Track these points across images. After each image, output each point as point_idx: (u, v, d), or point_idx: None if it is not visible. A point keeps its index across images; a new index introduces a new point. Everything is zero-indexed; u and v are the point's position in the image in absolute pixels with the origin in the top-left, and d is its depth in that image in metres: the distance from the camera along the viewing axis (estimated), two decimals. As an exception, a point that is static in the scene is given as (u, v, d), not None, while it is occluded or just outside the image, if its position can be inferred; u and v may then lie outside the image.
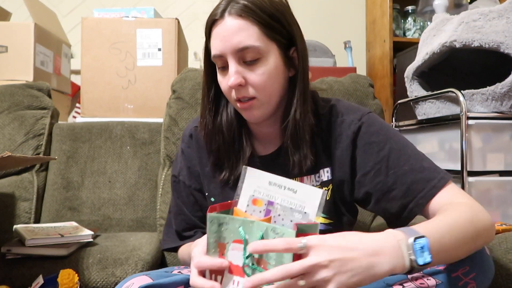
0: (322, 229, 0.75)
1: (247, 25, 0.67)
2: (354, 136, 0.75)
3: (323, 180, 0.77)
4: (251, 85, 0.69)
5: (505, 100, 1.15)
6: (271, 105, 0.73)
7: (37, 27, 1.61)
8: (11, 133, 1.32)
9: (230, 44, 0.67)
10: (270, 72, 0.69)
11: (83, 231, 1.05)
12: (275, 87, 0.71)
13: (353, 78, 1.34)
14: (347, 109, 0.78)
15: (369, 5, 2.41)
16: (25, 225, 1.14)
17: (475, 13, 1.20)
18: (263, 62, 0.69)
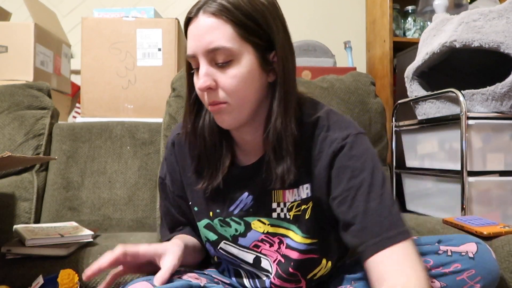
0: (304, 249, 0.74)
1: (220, 24, 0.63)
2: (333, 155, 0.68)
3: (302, 198, 0.72)
4: (222, 89, 0.65)
5: (505, 100, 1.15)
6: (244, 111, 0.67)
7: (37, 27, 1.61)
8: (11, 133, 1.32)
9: (201, 44, 0.63)
10: (242, 75, 0.64)
11: (83, 231, 1.04)
12: (249, 92, 0.66)
13: (354, 76, 1.33)
14: (335, 124, 0.71)
15: (369, 5, 2.41)
16: (25, 225, 1.14)
17: (475, 13, 1.20)
18: (235, 64, 0.64)
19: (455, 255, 0.65)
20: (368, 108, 1.32)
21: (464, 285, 0.62)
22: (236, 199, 0.76)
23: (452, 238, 0.69)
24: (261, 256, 0.77)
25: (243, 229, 0.77)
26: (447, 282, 0.63)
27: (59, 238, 0.98)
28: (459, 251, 0.66)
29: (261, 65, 0.66)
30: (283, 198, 0.73)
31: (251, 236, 0.76)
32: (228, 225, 0.77)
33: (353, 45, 2.28)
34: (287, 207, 0.73)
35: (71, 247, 0.97)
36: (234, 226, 0.77)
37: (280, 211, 0.74)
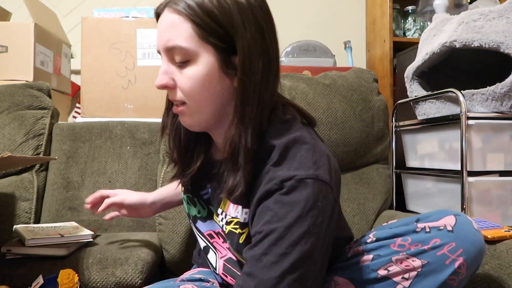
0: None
1: (179, 21, 0.60)
2: (265, 194, 0.59)
3: (241, 221, 0.66)
4: (179, 88, 0.63)
5: (505, 100, 1.15)
6: (205, 114, 0.64)
7: (37, 27, 1.61)
8: (11, 133, 1.32)
9: (162, 41, 0.62)
10: (198, 77, 0.61)
11: (83, 231, 1.05)
12: (207, 95, 0.62)
13: (357, 73, 1.32)
14: (288, 159, 0.60)
15: (369, 5, 2.41)
16: (25, 225, 1.14)
17: (475, 13, 1.20)
18: (192, 65, 0.61)
19: (433, 230, 0.62)
20: (371, 105, 1.30)
21: (446, 260, 0.60)
22: (205, 187, 0.76)
23: (430, 215, 0.66)
24: (210, 248, 0.78)
25: (206, 214, 0.77)
26: (427, 259, 0.61)
27: (59, 238, 0.98)
28: (437, 226, 0.63)
29: (221, 68, 0.61)
30: (226, 209, 0.70)
31: (209, 225, 0.77)
32: (194, 204, 0.78)
33: (353, 45, 2.28)
34: (226, 220, 0.70)
35: (71, 247, 0.97)
36: (198, 208, 0.78)
37: (221, 220, 0.72)
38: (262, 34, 0.62)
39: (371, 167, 1.37)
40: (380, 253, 0.65)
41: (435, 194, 1.33)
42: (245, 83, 0.60)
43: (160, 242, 1.15)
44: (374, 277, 0.64)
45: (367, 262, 0.65)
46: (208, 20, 0.59)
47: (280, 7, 2.40)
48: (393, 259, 0.63)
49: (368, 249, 0.67)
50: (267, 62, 0.62)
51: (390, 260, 0.63)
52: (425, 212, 1.34)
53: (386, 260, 0.63)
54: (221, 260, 0.76)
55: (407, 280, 0.62)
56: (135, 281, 0.93)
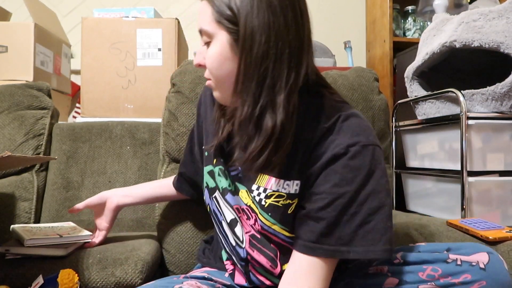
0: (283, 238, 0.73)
1: (205, 7, 0.67)
2: (332, 158, 0.65)
3: (290, 192, 0.71)
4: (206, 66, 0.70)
5: (505, 100, 1.15)
6: (226, 90, 0.69)
7: (37, 27, 1.61)
8: (11, 133, 1.32)
9: (198, 26, 0.69)
10: (214, 56, 0.66)
11: (82, 232, 1.04)
12: (223, 73, 0.67)
13: (358, 72, 1.31)
14: (348, 128, 0.67)
15: (369, 5, 2.41)
16: (23, 225, 1.14)
17: (475, 13, 1.20)
18: (211, 45, 0.67)
19: (465, 265, 0.63)
20: (371, 105, 1.29)
21: None
22: (234, 163, 0.77)
23: (462, 247, 0.66)
24: (238, 221, 0.78)
25: (234, 189, 0.78)
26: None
27: (58, 238, 0.98)
28: (469, 261, 0.63)
29: (232, 48, 0.65)
30: (266, 183, 0.73)
31: (236, 199, 0.78)
32: (225, 177, 0.79)
33: (353, 45, 2.28)
34: (266, 194, 0.73)
35: (69, 247, 0.97)
36: (229, 182, 0.79)
37: (257, 194, 0.74)
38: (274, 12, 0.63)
39: None
40: (407, 279, 0.64)
41: (435, 194, 1.33)
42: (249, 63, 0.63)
43: (160, 242, 1.15)
44: None
45: (391, 285, 0.65)
46: (221, 3, 0.65)
47: None
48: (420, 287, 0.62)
49: (394, 272, 0.66)
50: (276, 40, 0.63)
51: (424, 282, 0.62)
52: (425, 212, 1.35)
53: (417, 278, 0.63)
54: (247, 235, 0.77)
55: None
56: (135, 281, 0.93)
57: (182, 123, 1.19)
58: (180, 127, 1.19)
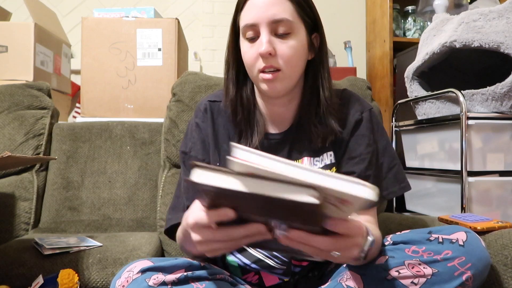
0: None
1: (282, 0, 0.72)
2: (355, 124, 0.81)
3: (326, 163, 0.81)
4: (279, 56, 0.73)
5: (505, 100, 1.15)
6: (293, 80, 0.77)
7: (37, 27, 1.61)
8: (11, 133, 1.32)
9: (266, 15, 0.71)
10: (298, 47, 0.74)
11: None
12: (299, 64, 0.77)
13: (351, 81, 1.34)
14: (354, 97, 0.85)
15: (369, 5, 2.41)
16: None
17: (475, 13, 1.20)
18: (293, 37, 0.73)
19: (446, 242, 0.67)
20: None
21: (455, 272, 0.64)
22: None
23: (442, 229, 0.71)
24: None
25: None
26: (438, 268, 0.65)
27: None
28: (449, 238, 0.68)
29: (308, 42, 0.78)
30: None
31: None
32: None
33: (353, 45, 2.28)
34: None
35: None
36: None
37: None
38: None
39: None
40: (394, 255, 0.68)
41: (435, 194, 1.33)
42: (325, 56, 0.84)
43: (160, 242, 1.15)
44: (384, 276, 0.67)
45: (380, 262, 0.68)
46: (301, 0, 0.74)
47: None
48: (406, 262, 0.66)
49: (384, 250, 0.70)
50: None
51: (403, 263, 0.66)
52: (425, 212, 1.35)
53: (399, 262, 0.67)
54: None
55: (415, 285, 0.65)
56: (135, 281, 0.93)
57: (182, 130, 1.22)
58: (180, 133, 1.23)
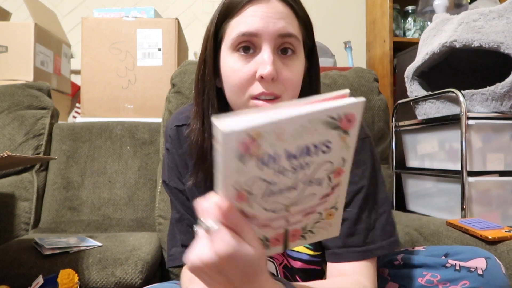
0: (306, 259, 0.70)
1: (291, 15, 0.60)
2: None
3: None
4: (282, 81, 0.59)
5: (505, 100, 1.15)
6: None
7: (37, 27, 1.61)
8: (11, 133, 1.32)
9: (274, 26, 0.57)
10: (300, 71, 0.62)
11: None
12: (298, 91, 0.62)
13: (357, 72, 1.31)
14: None
15: (369, 5, 2.41)
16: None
17: (475, 13, 1.20)
18: (298, 58, 0.61)
19: (464, 271, 0.62)
20: (371, 105, 1.29)
21: None
22: None
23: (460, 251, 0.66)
24: (267, 259, 0.72)
25: None
26: None
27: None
28: (467, 267, 0.62)
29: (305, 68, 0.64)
30: None
31: None
32: None
33: (353, 45, 2.28)
34: None
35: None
36: None
37: None
38: None
39: None
40: (406, 285, 0.64)
41: (435, 194, 1.33)
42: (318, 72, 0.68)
43: (160, 242, 1.15)
44: None
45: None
46: (306, 20, 0.63)
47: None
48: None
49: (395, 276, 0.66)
50: None
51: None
52: (425, 212, 1.35)
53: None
54: (280, 268, 0.72)
55: None
56: (135, 281, 0.93)
57: (182, 123, 1.20)
58: (180, 127, 1.20)
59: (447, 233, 0.96)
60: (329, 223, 0.46)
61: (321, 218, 0.45)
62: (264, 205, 0.41)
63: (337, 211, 0.45)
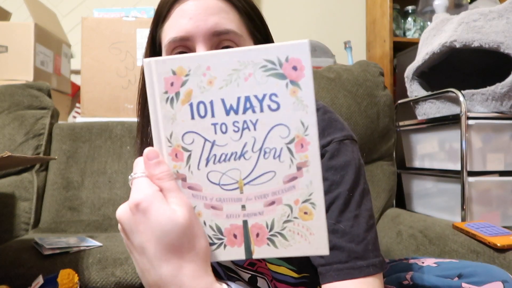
0: (292, 282, 0.64)
1: (227, 8, 0.54)
2: None
3: None
4: None
5: (505, 100, 1.15)
6: None
7: (37, 27, 1.61)
8: (11, 133, 1.32)
9: (205, 25, 0.53)
10: None
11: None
12: None
13: (362, 66, 1.27)
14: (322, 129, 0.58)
15: (369, 5, 2.41)
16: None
17: (475, 13, 1.20)
18: None
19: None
20: (376, 101, 1.26)
21: None
22: None
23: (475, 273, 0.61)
24: (257, 275, 0.69)
25: None
26: None
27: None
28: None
29: None
30: None
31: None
32: None
33: (353, 45, 2.28)
34: None
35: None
36: None
37: None
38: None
39: (375, 164, 1.34)
40: None
41: (435, 194, 1.33)
42: None
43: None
44: None
45: None
46: (251, 11, 0.57)
47: (280, 7, 2.40)
48: None
49: None
50: None
51: None
52: (425, 212, 1.35)
53: None
54: (272, 283, 0.68)
55: None
56: (135, 281, 0.93)
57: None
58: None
59: (453, 237, 0.94)
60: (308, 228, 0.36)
61: (294, 217, 0.36)
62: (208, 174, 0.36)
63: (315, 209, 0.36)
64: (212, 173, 0.36)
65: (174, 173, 0.36)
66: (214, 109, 0.34)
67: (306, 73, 0.33)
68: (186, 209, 0.35)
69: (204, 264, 0.36)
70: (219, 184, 0.36)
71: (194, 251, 0.36)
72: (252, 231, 0.37)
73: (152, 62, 0.35)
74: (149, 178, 0.36)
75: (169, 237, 0.34)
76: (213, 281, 0.37)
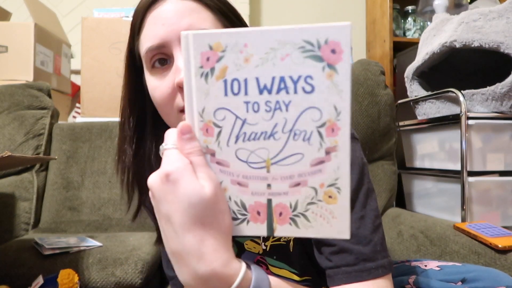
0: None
1: (198, 7, 0.53)
2: None
3: None
4: None
5: (505, 100, 1.15)
6: None
7: (37, 27, 1.61)
8: (11, 133, 1.32)
9: (178, 28, 0.51)
10: None
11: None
12: None
13: (363, 65, 1.27)
14: None
15: (369, 5, 2.41)
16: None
17: (475, 13, 1.20)
18: None
19: None
20: (377, 100, 1.25)
21: None
22: None
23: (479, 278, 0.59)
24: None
25: (236, 251, 0.68)
26: None
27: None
28: None
29: None
30: None
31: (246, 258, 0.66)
32: None
33: (353, 45, 2.28)
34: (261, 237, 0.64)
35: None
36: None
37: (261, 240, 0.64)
38: None
39: (376, 163, 1.34)
40: None
41: (435, 194, 1.33)
42: None
43: (160, 242, 1.15)
44: None
45: None
46: (224, 8, 0.56)
47: (280, 7, 2.40)
48: None
49: None
50: None
51: None
52: (425, 212, 1.35)
53: None
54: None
55: None
56: (135, 281, 0.93)
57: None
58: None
59: (455, 238, 0.93)
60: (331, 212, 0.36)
61: (318, 199, 0.36)
62: (236, 151, 0.36)
63: (340, 194, 0.36)
64: (240, 150, 0.36)
65: (203, 147, 0.37)
66: (248, 87, 0.34)
67: (344, 57, 0.33)
68: (213, 184, 0.36)
69: (225, 239, 0.37)
70: (246, 161, 0.36)
71: (217, 226, 0.36)
72: (276, 210, 0.37)
73: (190, 35, 0.35)
74: (179, 150, 0.37)
75: (194, 209, 0.35)
76: (232, 257, 0.37)
